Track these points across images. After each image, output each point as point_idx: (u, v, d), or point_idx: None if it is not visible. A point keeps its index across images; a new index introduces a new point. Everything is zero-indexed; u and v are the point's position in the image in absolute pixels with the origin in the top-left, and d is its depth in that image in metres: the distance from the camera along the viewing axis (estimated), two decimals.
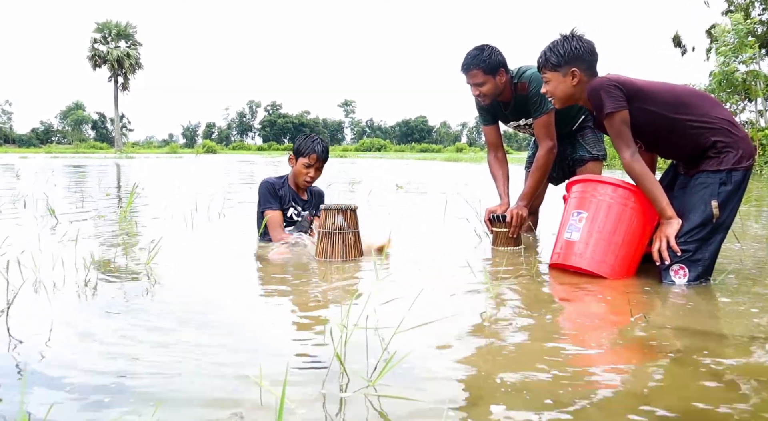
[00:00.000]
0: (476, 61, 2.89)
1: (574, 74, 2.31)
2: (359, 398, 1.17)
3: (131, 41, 51.18)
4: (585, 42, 2.33)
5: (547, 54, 2.36)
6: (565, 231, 2.41)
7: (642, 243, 2.32)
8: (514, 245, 3.01)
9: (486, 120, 3.25)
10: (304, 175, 3.13)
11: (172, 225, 3.80)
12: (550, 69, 2.36)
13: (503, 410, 1.13)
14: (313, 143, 3.10)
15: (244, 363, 1.36)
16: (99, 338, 1.52)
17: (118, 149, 47.73)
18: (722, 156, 2.18)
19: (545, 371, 1.32)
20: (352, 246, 2.71)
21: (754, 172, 12.06)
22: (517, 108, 3.08)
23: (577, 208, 2.40)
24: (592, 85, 2.25)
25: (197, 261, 2.72)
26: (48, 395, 1.17)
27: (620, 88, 2.19)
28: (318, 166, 3.12)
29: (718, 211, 2.15)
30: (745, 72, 12.70)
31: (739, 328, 1.66)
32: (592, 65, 2.33)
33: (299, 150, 3.11)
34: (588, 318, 1.82)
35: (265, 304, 1.99)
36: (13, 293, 1.81)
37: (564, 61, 2.31)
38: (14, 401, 1.15)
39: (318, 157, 3.10)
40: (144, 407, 1.12)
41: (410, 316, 1.63)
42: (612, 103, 2.18)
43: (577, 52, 2.30)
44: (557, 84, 2.36)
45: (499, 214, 2.99)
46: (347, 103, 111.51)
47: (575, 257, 2.32)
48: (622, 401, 1.17)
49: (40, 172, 11.79)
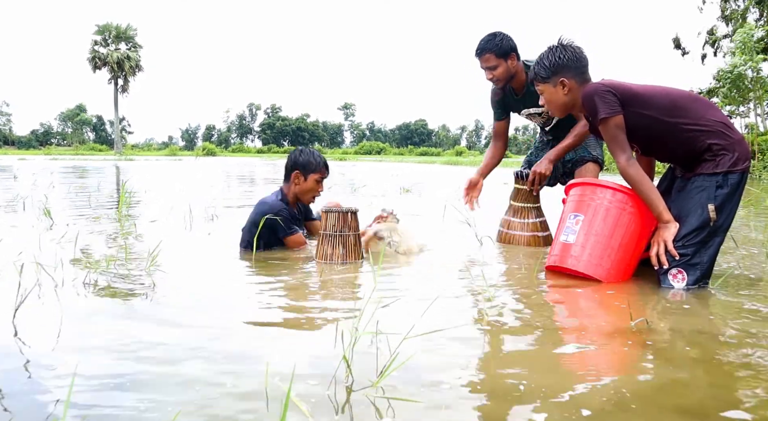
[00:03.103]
0: (489, 46, 3.06)
1: (564, 83, 2.34)
2: (364, 400, 1.18)
3: (131, 43, 51.22)
4: (570, 50, 2.34)
5: (535, 68, 2.41)
6: (562, 234, 2.41)
7: (639, 247, 2.33)
8: (533, 203, 3.28)
9: (498, 115, 3.41)
10: (315, 192, 3.08)
11: (171, 226, 3.80)
12: (540, 82, 2.41)
13: (503, 410, 1.13)
14: (320, 158, 3.05)
15: (246, 364, 1.36)
16: (100, 339, 1.53)
17: (118, 151, 47.71)
18: (718, 159, 2.19)
19: (546, 374, 1.32)
20: (353, 248, 2.72)
21: (754, 176, 12.07)
22: (531, 97, 3.17)
23: (574, 211, 2.41)
24: (585, 92, 2.26)
25: (197, 263, 2.73)
26: (55, 395, 1.17)
27: (614, 93, 2.20)
28: (324, 179, 3.10)
29: (715, 214, 2.15)
30: (752, 77, 12.77)
31: (739, 330, 1.67)
32: (582, 71, 2.35)
33: (307, 167, 3.00)
34: (588, 322, 1.82)
35: (266, 304, 1.99)
36: (19, 296, 1.81)
37: (551, 72, 2.35)
38: (23, 400, 1.15)
39: (328, 170, 3.08)
40: (147, 409, 1.12)
41: (410, 317, 1.63)
42: (606, 108, 2.19)
43: (562, 62, 2.33)
44: (550, 95, 2.40)
45: (521, 171, 3.25)
46: (347, 106, 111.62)
47: (571, 260, 2.33)
48: (624, 404, 1.18)
49: (38, 173, 11.78)
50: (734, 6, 19.04)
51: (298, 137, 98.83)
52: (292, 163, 3.03)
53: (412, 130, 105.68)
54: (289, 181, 3.05)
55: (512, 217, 3.33)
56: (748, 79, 12.59)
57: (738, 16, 18.30)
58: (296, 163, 3.02)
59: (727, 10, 19.11)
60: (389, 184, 9.63)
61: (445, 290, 2.16)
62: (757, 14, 18.27)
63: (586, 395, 1.21)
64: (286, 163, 3.09)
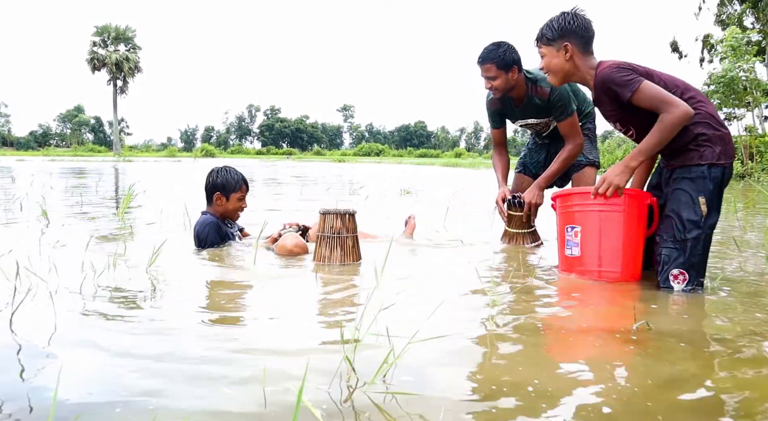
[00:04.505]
0: (491, 56, 3.02)
1: (567, 48, 2.33)
2: (366, 400, 1.16)
3: (130, 45, 51.23)
4: (581, 18, 2.34)
5: (543, 28, 2.39)
6: (565, 248, 2.41)
7: (640, 241, 2.33)
8: (527, 229, 3.25)
9: (495, 124, 3.40)
10: (239, 209, 3.12)
11: (170, 227, 3.78)
12: (545, 43, 2.39)
13: (505, 411, 1.12)
14: (237, 176, 3.07)
15: (248, 365, 1.34)
16: (101, 341, 1.51)
17: (117, 152, 47.68)
18: (702, 149, 2.17)
19: (549, 375, 1.31)
20: (350, 250, 2.71)
21: (754, 178, 12.09)
22: (530, 108, 3.20)
23: (570, 224, 2.39)
24: (600, 78, 2.25)
25: (195, 264, 2.71)
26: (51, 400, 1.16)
27: (626, 67, 2.21)
28: (246, 194, 3.12)
29: (705, 207, 2.14)
30: (746, 79, 12.79)
31: (740, 331, 1.66)
32: (587, 42, 2.34)
33: (227, 187, 3.02)
34: (591, 324, 1.80)
35: (265, 305, 1.98)
36: (16, 298, 1.79)
37: (558, 34, 2.34)
38: (20, 405, 1.13)
39: (247, 186, 3.11)
40: (145, 411, 1.10)
41: (410, 319, 1.62)
42: (628, 82, 2.17)
43: (571, 27, 2.32)
44: (551, 58, 2.38)
45: (514, 197, 3.25)
46: (346, 108, 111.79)
47: (583, 271, 2.34)
48: (625, 405, 1.16)
49: (36, 174, 11.76)
50: (730, 10, 19.12)
51: (297, 139, 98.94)
52: (212, 186, 3.06)
53: (412, 132, 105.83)
54: (211, 203, 3.09)
55: (508, 243, 3.32)
56: (741, 82, 12.61)
57: (734, 20, 18.36)
58: (216, 186, 3.05)
59: (723, 14, 19.20)
60: (388, 186, 9.62)
61: (449, 291, 2.15)
62: (753, 18, 18.33)
63: (589, 397, 1.20)
64: (205, 185, 3.12)
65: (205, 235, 2.99)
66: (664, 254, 2.20)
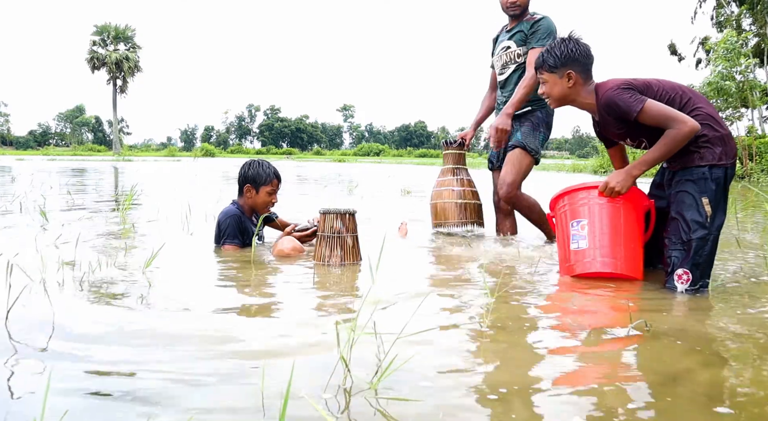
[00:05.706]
0: None
1: (570, 76, 2.36)
2: (362, 401, 1.16)
3: (130, 44, 51.21)
4: (581, 45, 2.38)
5: (544, 56, 2.41)
6: (572, 242, 2.41)
7: (640, 238, 2.36)
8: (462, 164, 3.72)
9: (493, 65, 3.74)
10: (269, 203, 3.11)
11: (170, 227, 3.78)
12: (547, 70, 2.41)
13: (503, 411, 1.12)
14: (269, 169, 3.07)
15: (245, 365, 1.34)
16: (99, 341, 1.51)
17: (116, 152, 47.64)
18: (702, 151, 2.18)
19: (546, 374, 1.31)
20: (351, 250, 2.70)
21: (754, 179, 12.09)
22: (516, 33, 3.48)
23: (575, 218, 2.41)
24: (604, 102, 2.29)
25: (194, 263, 2.71)
26: (52, 401, 1.15)
27: (626, 87, 2.24)
28: (278, 189, 3.13)
29: (710, 208, 2.15)
30: (741, 81, 12.78)
31: (740, 332, 1.65)
32: (588, 68, 2.39)
33: (257, 180, 3.04)
34: (588, 322, 1.80)
35: (265, 306, 1.97)
36: (13, 297, 1.79)
37: (561, 63, 2.36)
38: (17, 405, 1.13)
39: (279, 180, 3.10)
40: (143, 413, 1.10)
41: (405, 318, 1.61)
42: (632, 103, 2.20)
43: (574, 55, 2.35)
44: (553, 85, 2.41)
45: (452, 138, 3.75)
46: (346, 108, 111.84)
47: (588, 263, 2.34)
48: (623, 404, 1.16)
49: (36, 174, 11.75)
50: (728, 12, 19.10)
51: (297, 138, 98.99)
52: (243, 178, 3.07)
53: (412, 132, 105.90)
54: (242, 194, 3.11)
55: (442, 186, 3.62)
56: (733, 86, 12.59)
57: (732, 22, 18.35)
58: (246, 178, 3.06)
59: (721, 17, 19.18)
60: (387, 186, 9.62)
61: (445, 289, 2.14)
62: (751, 20, 18.30)
63: (589, 397, 1.19)
64: (237, 176, 3.13)
65: (226, 226, 3.03)
66: (673, 256, 2.21)
